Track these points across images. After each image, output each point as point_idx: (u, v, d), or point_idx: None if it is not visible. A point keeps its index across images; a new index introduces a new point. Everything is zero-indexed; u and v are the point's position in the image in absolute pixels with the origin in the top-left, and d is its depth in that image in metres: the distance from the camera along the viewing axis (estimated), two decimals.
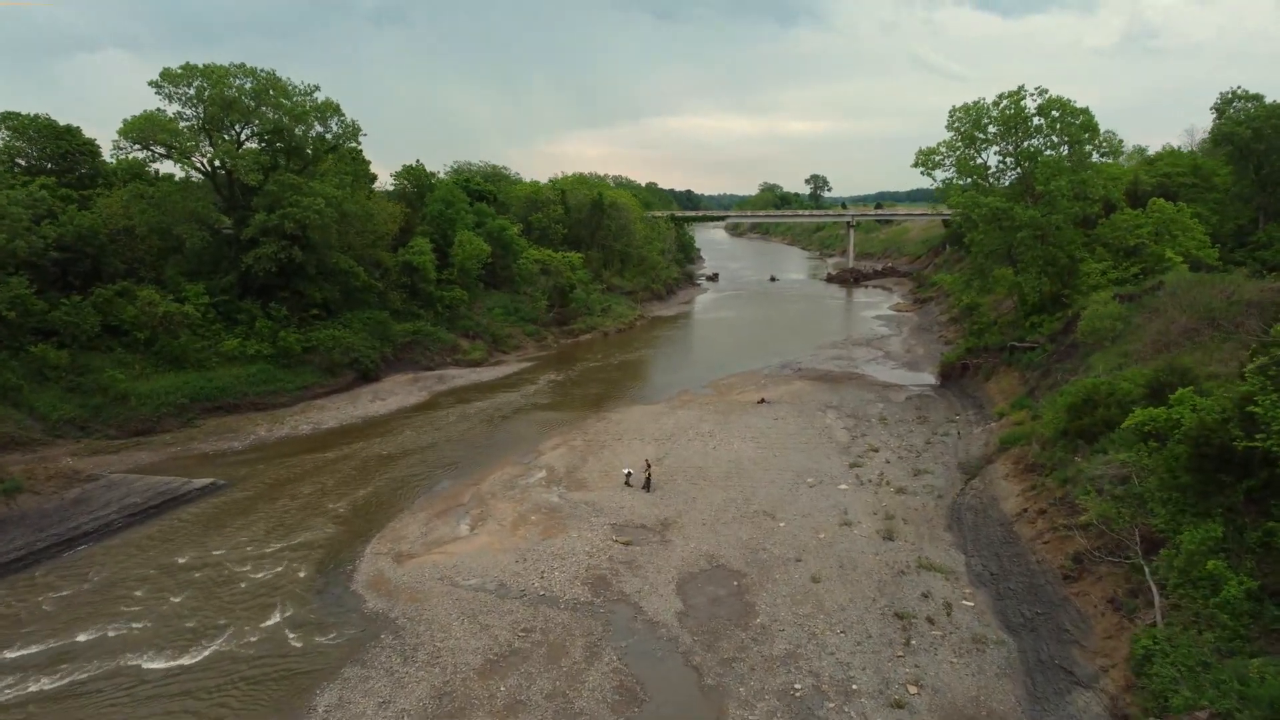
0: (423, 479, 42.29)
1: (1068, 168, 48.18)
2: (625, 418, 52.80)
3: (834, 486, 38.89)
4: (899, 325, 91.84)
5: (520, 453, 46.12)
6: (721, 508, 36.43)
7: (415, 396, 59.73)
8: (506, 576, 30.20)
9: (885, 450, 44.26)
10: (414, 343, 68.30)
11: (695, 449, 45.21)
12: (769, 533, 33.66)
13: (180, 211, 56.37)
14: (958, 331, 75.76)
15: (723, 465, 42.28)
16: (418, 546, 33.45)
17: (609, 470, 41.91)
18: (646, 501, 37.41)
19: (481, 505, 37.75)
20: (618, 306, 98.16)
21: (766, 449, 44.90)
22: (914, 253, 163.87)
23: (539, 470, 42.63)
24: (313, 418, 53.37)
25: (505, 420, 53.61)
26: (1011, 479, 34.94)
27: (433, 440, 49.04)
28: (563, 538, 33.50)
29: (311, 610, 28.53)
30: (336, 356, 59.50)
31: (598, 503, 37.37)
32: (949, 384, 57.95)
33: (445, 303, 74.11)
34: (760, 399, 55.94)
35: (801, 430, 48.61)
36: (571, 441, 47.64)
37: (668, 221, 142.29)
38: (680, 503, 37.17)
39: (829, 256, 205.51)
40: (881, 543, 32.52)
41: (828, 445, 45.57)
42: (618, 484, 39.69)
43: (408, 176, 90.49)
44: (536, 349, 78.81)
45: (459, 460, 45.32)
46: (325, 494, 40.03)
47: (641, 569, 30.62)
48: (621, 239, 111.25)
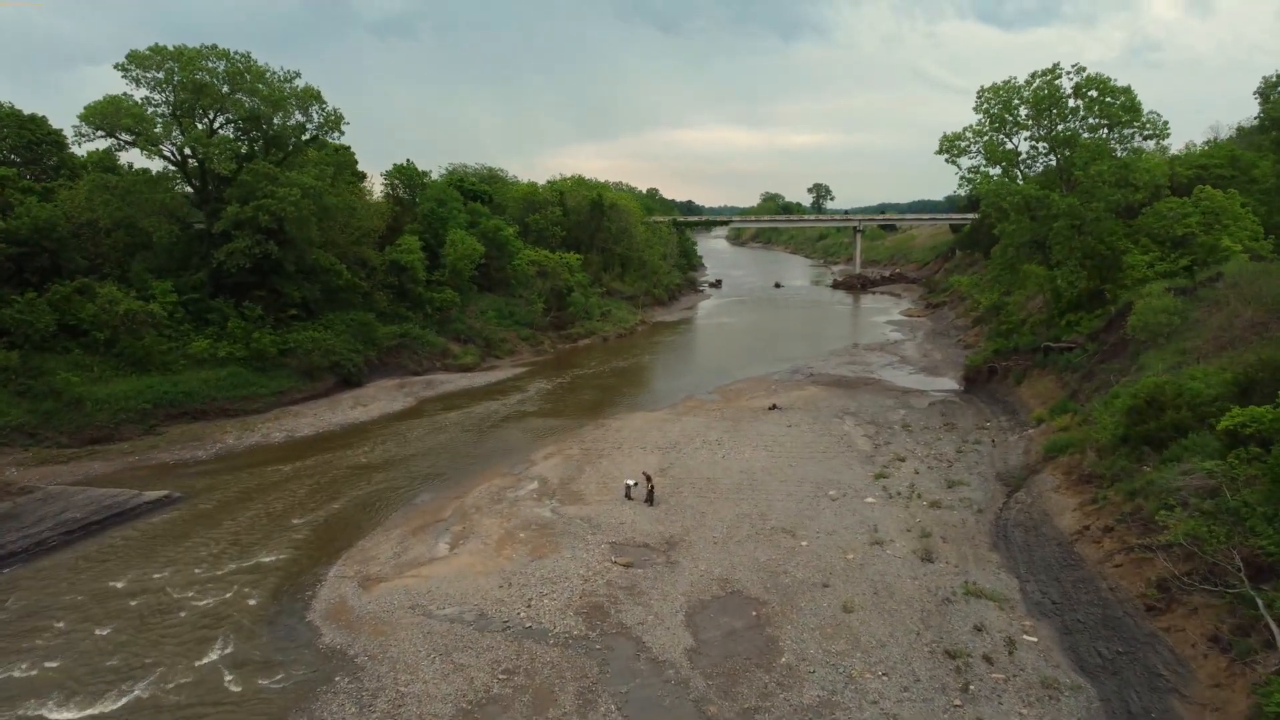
0: (402, 491, 38.14)
1: (1109, 151, 44.25)
2: (626, 425, 48.67)
3: (859, 500, 34.72)
4: (912, 330, 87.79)
5: (511, 463, 41.99)
6: (734, 524, 32.26)
7: (400, 403, 55.61)
8: (488, 604, 26.00)
9: (913, 459, 40.09)
10: (401, 346, 64.23)
11: (703, 458, 41.07)
12: (790, 553, 29.47)
13: (147, 204, 52.40)
14: (979, 334, 71.69)
15: (734, 476, 38.14)
16: (389, 568, 29.26)
17: (607, 482, 37.77)
18: (650, 517, 33.25)
19: (464, 521, 33.59)
20: (618, 311, 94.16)
21: (781, 458, 40.75)
22: (921, 259, 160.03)
23: (530, 482, 38.48)
24: (287, 425, 49.23)
25: (496, 428, 49.48)
26: (1064, 491, 30.76)
27: (416, 449, 44.90)
28: (554, 558, 29.32)
29: (257, 645, 24.32)
30: (316, 360, 55.42)
31: (595, 518, 33.22)
32: (974, 389, 53.83)
33: (435, 305, 70.09)
34: (771, 405, 51.84)
35: (818, 438, 44.46)
36: (567, 450, 43.50)
37: (669, 226, 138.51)
38: (688, 518, 33.01)
39: (833, 264, 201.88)
40: (920, 564, 28.33)
41: (848, 454, 41.40)
42: (617, 497, 35.56)
43: (399, 176, 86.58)
44: (532, 354, 74.74)
45: (443, 471, 41.18)
46: (292, 508, 35.86)
47: (644, 596, 26.42)
48: (622, 242, 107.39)
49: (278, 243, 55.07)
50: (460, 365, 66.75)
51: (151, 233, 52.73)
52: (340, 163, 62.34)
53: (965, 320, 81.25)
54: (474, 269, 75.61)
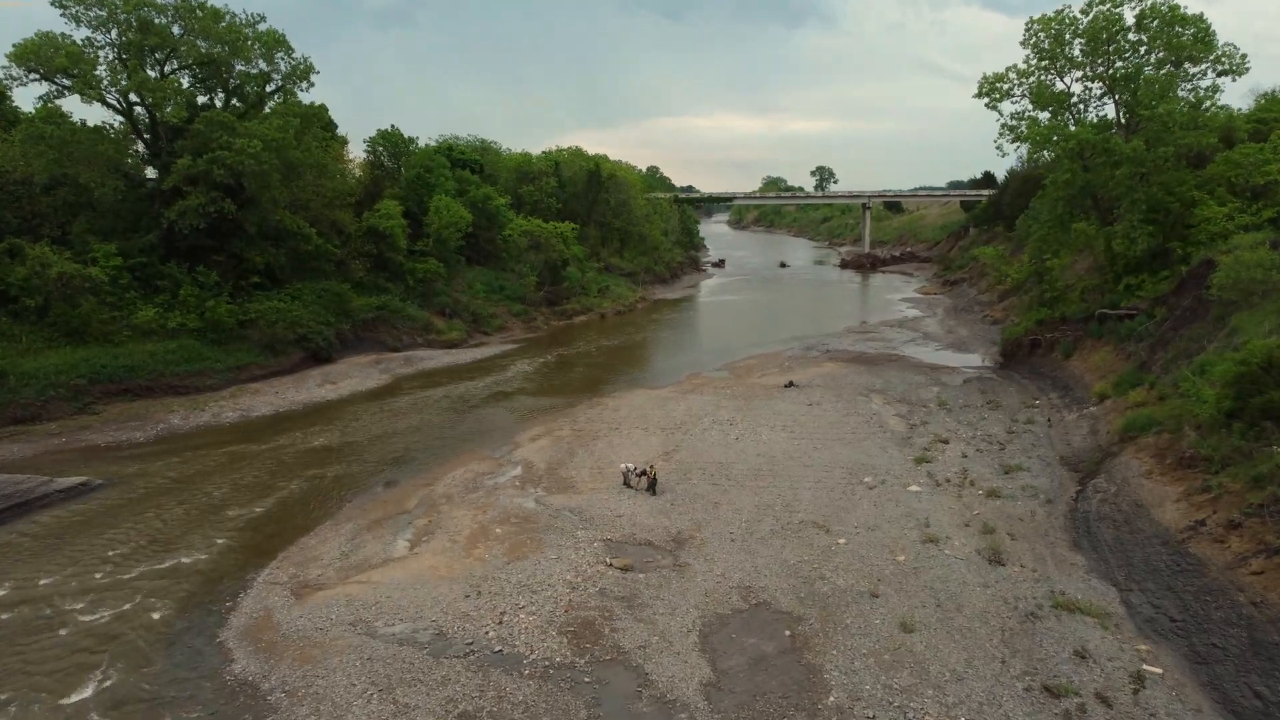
0: (363, 478, 32.65)
1: (1180, 85, 38.59)
2: (624, 404, 43.13)
3: (902, 488, 29.21)
4: (930, 307, 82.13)
5: (492, 445, 36.49)
6: (755, 517, 26.76)
7: (374, 380, 50.05)
8: (450, 620, 20.53)
9: (957, 442, 34.57)
10: (379, 320, 58.59)
11: (713, 440, 35.55)
12: (825, 553, 23.98)
13: (89, 157, 46.60)
14: (1007, 308, 66.03)
15: (750, 460, 32.63)
16: (332, 572, 23.78)
17: (603, 467, 32.29)
18: (652, 508, 27.76)
19: (431, 513, 28.11)
20: (616, 287, 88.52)
21: (804, 440, 35.23)
22: (932, 239, 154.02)
23: (513, 467, 32.99)
24: (243, 403, 43.67)
25: (478, 407, 43.94)
26: (1159, 478, 25.21)
27: (386, 430, 39.37)
28: (536, 559, 23.85)
29: (147, 676, 18.85)
30: (280, 332, 49.82)
31: (587, 509, 27.74)
32: (1014, 364, 48.27)
33: (418, 276, 64.38)
34: (788, 382, 46.30)
35: (844, 417, 38.91)
36: (557, 431, 37.98)
37: (670, 203, 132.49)
38: (698, 510, 27.52)
39: (838, 246, 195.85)
40: (988, 568, 22.84)
41: (881, 435, 35.88)
42: (614, 485, 30.10)
43: (383, 143, 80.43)
44: (524, 330, 69.12)
45: (414, 454, 35.68)
46: (232, 498, 30.39)
47: (647, 609, 20.94)
48: (621, 215, 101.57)
49: (237, 202, 49.38)
50: (444, 341, 61.18)
51: (94, 189, 46.96)
52: (307, 114, 56.43)
53: (990, 295, 75.55)
54: (461, 239, 69.85)
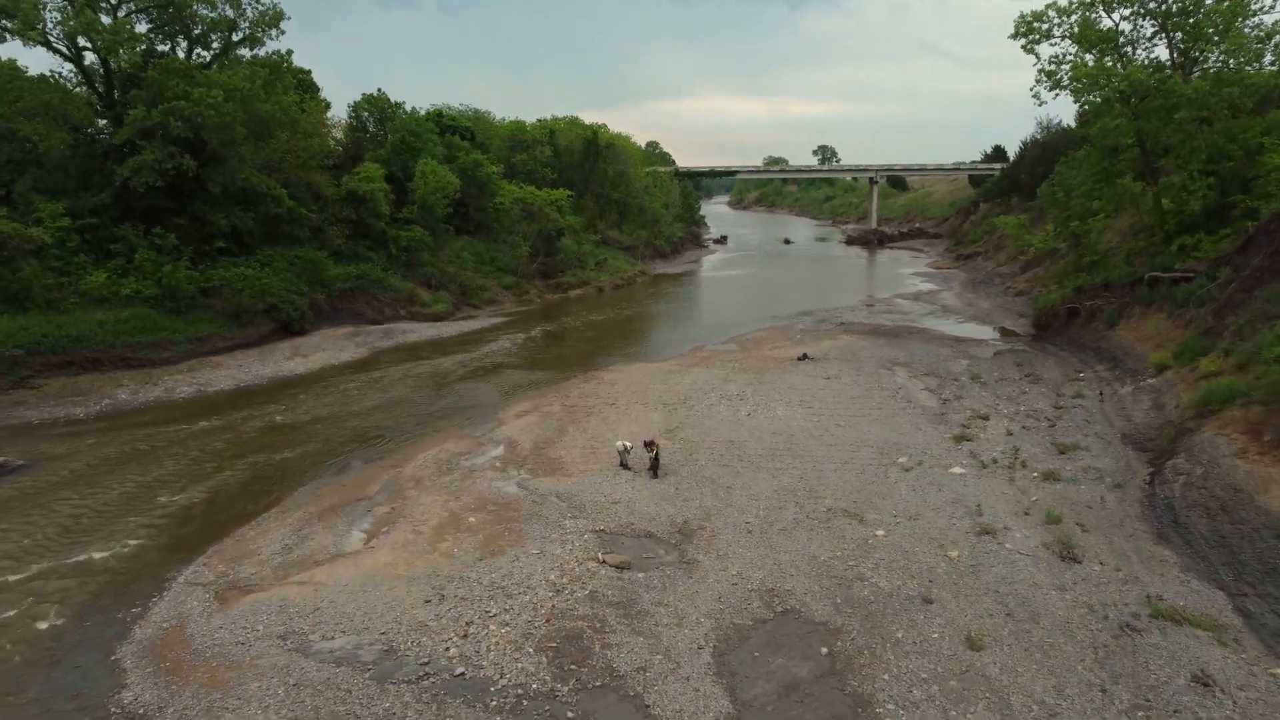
0: (323, 458, 28.64)
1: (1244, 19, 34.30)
2: (621, 377, 39.04)
3: (943, 470, 25.18)
4: (945, 281, 77.90)
5: (473, 422, 32.45)
6: (774, 503, 22.75)
7: (350, 353, 45.93)
8: (403, 632, 16.54)
9: (999, 418, 30.52)
10: (358, 290, 54.34)
11: (722, 416, 31.50)
12: (862, 547, 19.97)
13: (31, 107, 42.23)
14: (1031, 280, 61.83)
15: (764, 439, 28.58)
16: (269, 570, 19.77)
17: (596, 446, 28.26)
18: (654, 494, 23.74)
19: (396, 499, 24.09)
20: (615, 261, 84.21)
21: (825, 416, 31.18)
22: (940, 215, 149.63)
23: (494, 446, 28.96)
24: (202, 377, 39.56)
25: (461, 382, 39.85)
26: (1257, 458, 21.17)
27: (357, 407, 35.32)
28: (515, 555, 19.85)
29: (12, 708, 14.86)
30: (246, 302, 45.61)
31: (577, 494, 23.72)
32: (1048, 335, 44.17)
33: (401, 244, 60.03)
34: (801, 354, 42.20)
35: (867, 392, 34.84)
36: (546, 407, 33.94)
37: (670, 176, 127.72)
38: (708, 495, 23.50)
39: (842, 225, 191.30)
40: (1061, 566, 18.84)
41: (911, 411, 31.83)
42: (609, 466, 26.08)
43: (368, 107, 75.65)
44: (516, 304, 64.89)
45: (385, 432, 31.65)
46: (168, 481, 26.38)
47: (648, 618, 16.95)
48: (620, 186, 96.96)
49: (198, 159, 45.01)
50: (429, 314, 56.99)
51: (39, 143, 42.60)
52: (276, 65, 51.93)
53: (1011, 267, 71.29)
54: (449, 207, 65.43)
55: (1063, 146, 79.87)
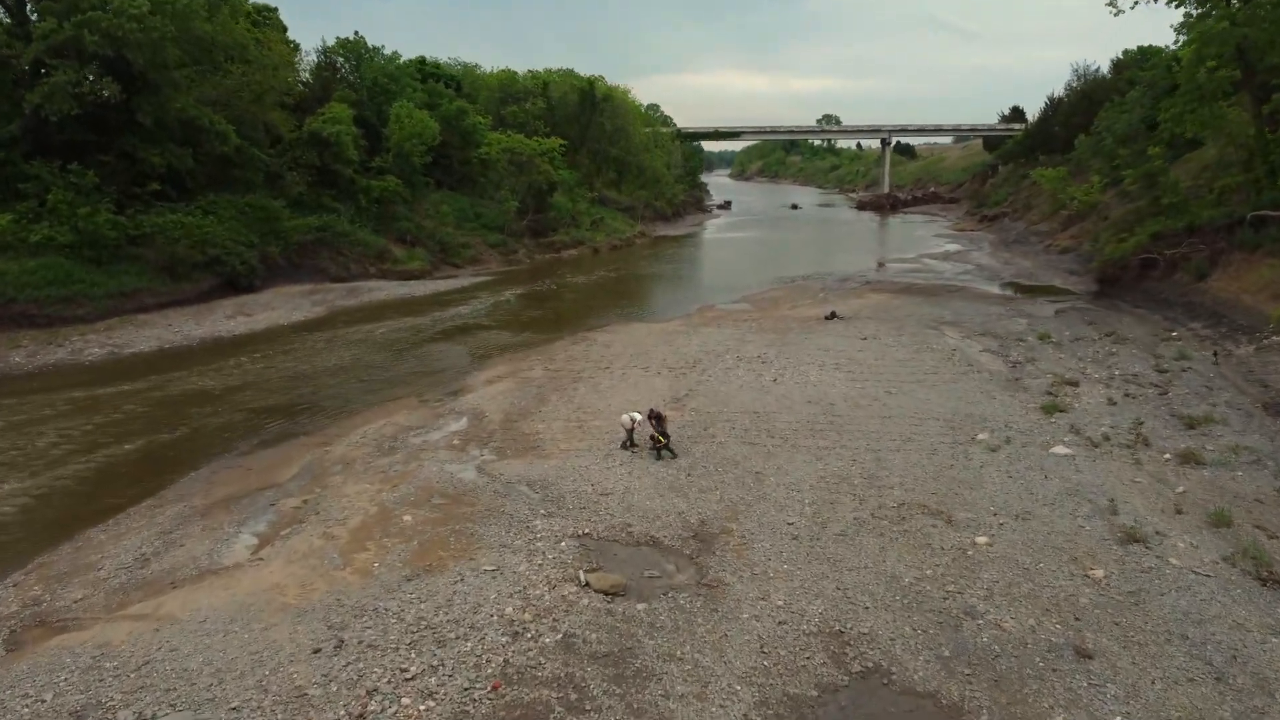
0: (240, 432, 22.49)
1: None
2: (618, 339, 32.88)
3: (1040, 449, 19.03)
4: (974, 242, 71.50)
5: (434, 389, 26.31)
6: (825, 495, 16.63)
7: (304, 312, 39.69)
8: (265, 708, 10.42)
9: (1092, 384, 24.35)
10: (320, 244, 47.93)
11: (741, 382, 25.32)
12: (960, 561, 13.84)
13: None
14: (1078, 235, 55.38)
15: (798, 409, 22.43)
16: (101, 595, 13.67)
17: (584, 419, 22.12)
18: (658, 481, 17.63)
19: (313, 487, 17.96)
20: (612, 221, 77.63)
21: (869, 382, 25.02)
22: (954, 180, 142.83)
23: (455, 418, 22.83)
24: (120, 337, 33.36)
25: (429, 343, 33.66)
26: None
27: (298, 370, 29.17)
28: (459, 573, 13.75)
29: None
30: (183, 252, 39.29)
31: (555, 482, 17.61)
32: (1115, 291, 37.95)
33: (372, 195, 53.59)
34: (829, 313, 36.04)
35: (916, 354, 28.67)
36: (525, 372, 27.77)
37: (672, 137, 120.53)
38: (731, 483, 17.37)
39: (849, 193, 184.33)
40: (1265, 594, 12.72)
41: (976, 376, 25.67)
42: (600, 444, 20.00)
43: (342, 51, 68.42)
44: (502, 263, 58.48)
45: (324, 400, 25.51)
46: (22, 464, 20.23)
47: (652, 685, 10.83)
48: (619, 143, 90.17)
49: (123, 83, 38.43)
50: (403, 272, 50.69)
51: None
52: None
53: (1050, 224, 64.66)
54: (428, 156, 58.88)
55: (1102, 95, 73.40)
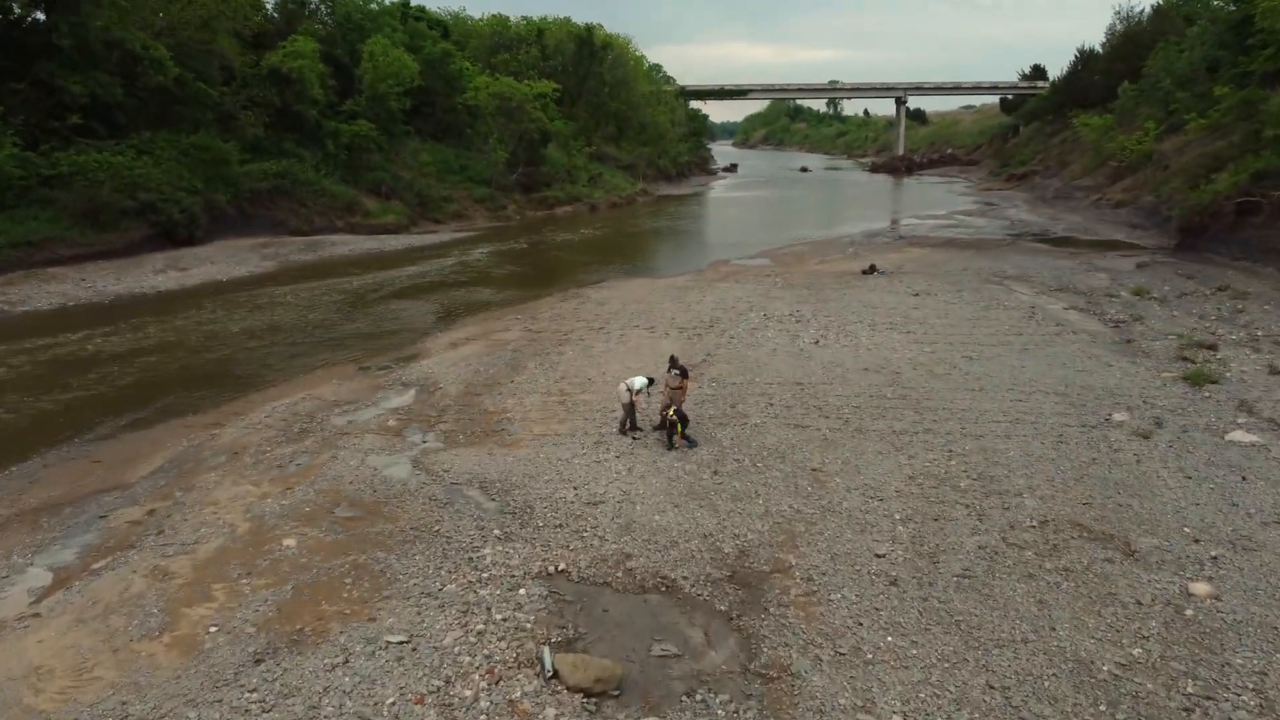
0: (114, 409, 16.81)
1: None
2: (615, 295, 27.24)
3: (1211, 436, 13.46)
4: (1007, 200, 65.44)
5: (383, 353, 20.69)
6: (924, 508, 11.08)
7: (250, 267, 33.97)
8: None
9: (1235, 348, 18.74)
10: (278, 192, 42.04)
11: (773, 345, 19.73)
12: (1183, 634, 8.27)
13: None
14: (1133, 188, 49.30)
15: (853, 378, 16.84)
16: None
17: (569, 391, 16.56)
18: (671, 483, 12.08)
19: (174, 488, 12.41)
20: (612, 178, 71.58)
21: (938, 344, 19.45)
22: (971, 143, 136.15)
23: (398, 390, 17.25)
24: (17, 294, 27.65)
25: (388, 300, 27.99)
26: None
27: (223, 331, 23.52)
28: (344, 644, 8.13)
29: None
30: (109, 197, 33.52)
31: (520, 483, 12.09)
32: (1203, 242, 32.08)
33: (342, 141, 47.62)
34: (868, 266, 30.41)
35: (986, 311, 23.05)
36: (500, 333, 22.14)
37: (675, 95, 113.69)
38: (779, 487, 11.83)
39: (859, 159, 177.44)
40: None
41: (1073, 338, 20.05)
42: (591, 427, 14.43)
43: None
44: (489, 219, 52.60)
45: (237, 367, 19.91)
46: None
47: None
48: (619, 96, 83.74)
49: (38, 1, 32.45)
50: (375, 225, 44.84)
51: None
52: None
53: (1094, 178, 58.40)
54: (405, 99, 52.79)
55: (1147, 40, 67.00)
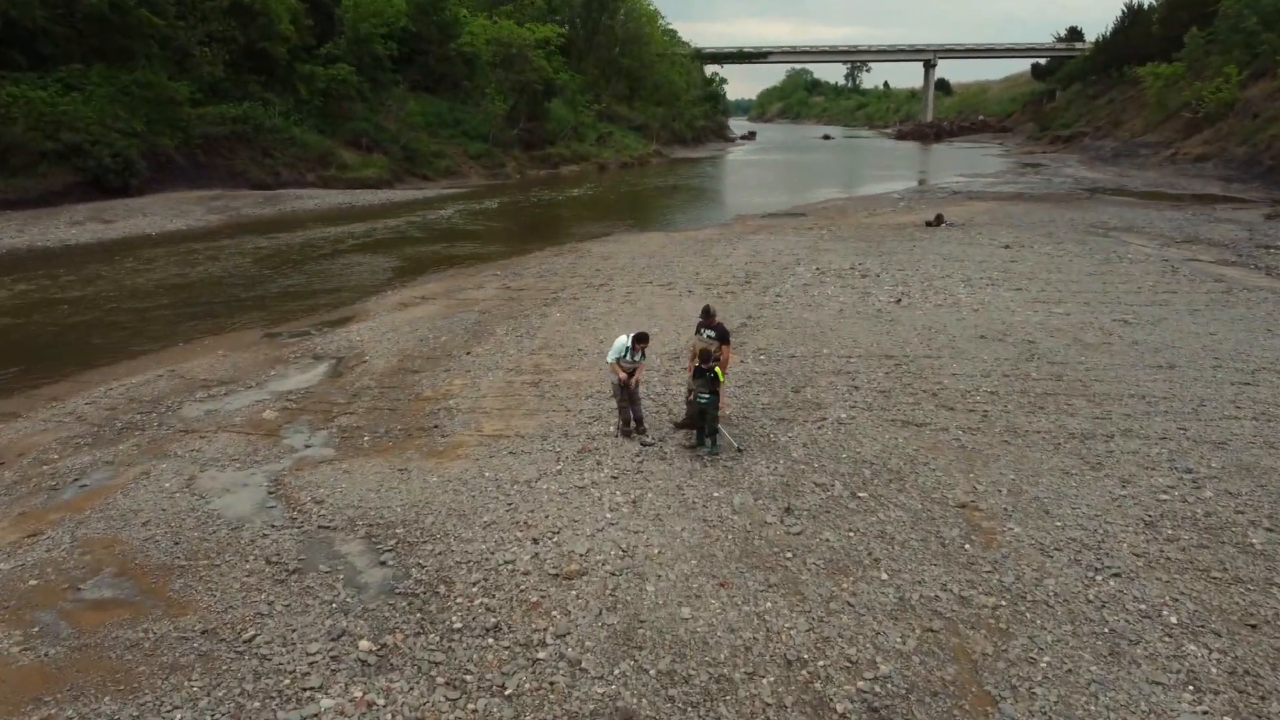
0: None
1: None
2: (623, 249, 21.75)
3: None
4: (1057, 161, 59.26)
5: (310, 314, 15.32)
6: (1211, 595, 5.57)
7: (190, 220, 28.64)
8: None
9: None
10: (239, 140, 36.60)
11: (840, 304, 14.28)
12: None
13: None
14: (1214, 141, 43.09)
15: (968, 349, 11.38)
16: None
17: (545, 369, 11.14)
18: (701, 532, 6.61)
19: None
20: (623, 138, 65.78)
21: (1070, 304, 13.99)
22: (1001, 111, 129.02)
23: (307, 364, 11.90)
24: None
25: (343, 255, 22.59)
26: None
27: (114, 290, 18.14)
28: None
29: None
30: (22, 137, 28.35)
31: (436, 531, 6.67)
32: None
33: (318, 86, 42.08)
34: (935, 216, 24.80)
35: (1107, 265, 17.51)
36: (468, 290, 16.74)
37: (691, 57, 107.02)
38: (908, 539, 6.33)
39: (881, 130, 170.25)
40: None
41: (1257, 298, 14.46)
42: (572, 422, 8.97)
43: None
44: (485, 176, 47.00)
45: (100, 334, 14.51)
46: None
47: None
48: (630, 51, 77.57)
49: None
50: (354, 180, 39.33)
51: None
52: None
53: (1161, 134, 51.98)
54: (393, 46, 47.15)
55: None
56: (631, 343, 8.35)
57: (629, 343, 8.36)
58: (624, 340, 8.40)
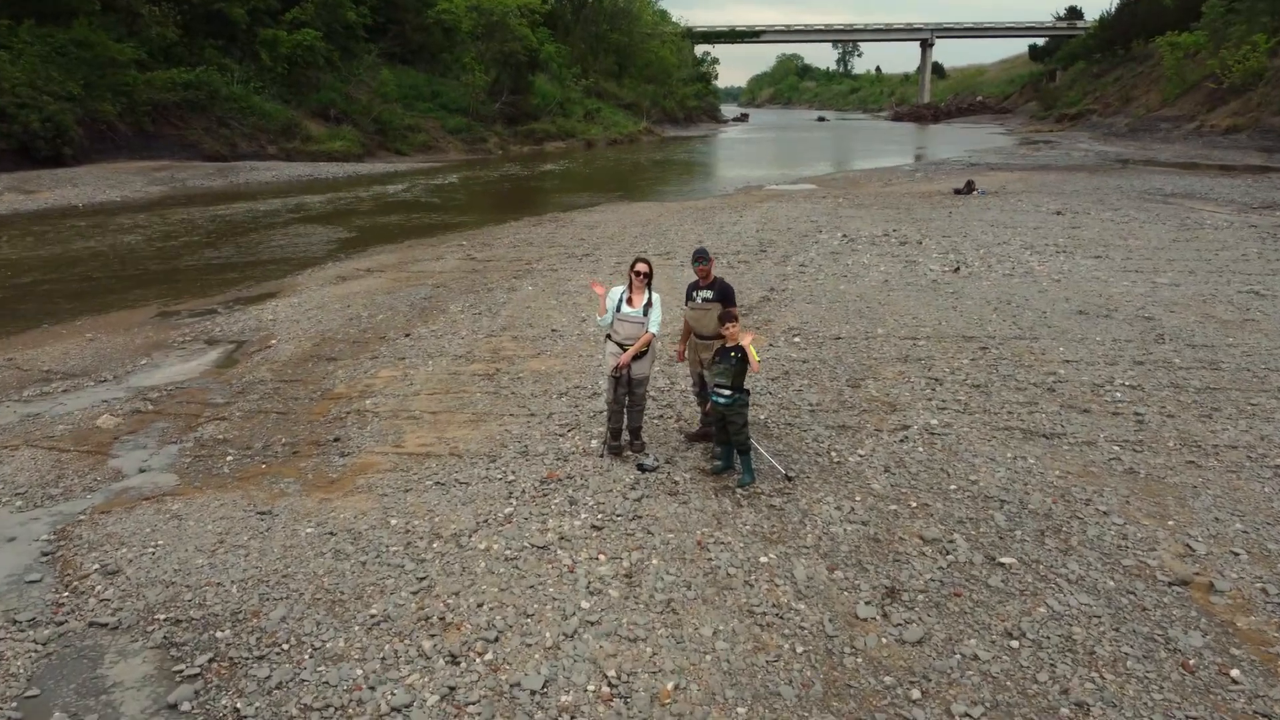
0: None
1: None
2: (611, 218, 18.83)
3: None
4: (1067, 138, 56.40)
5: (226, 288, 12.30)
6: None
7: (126, 191, 25.51)
8: None
9: None
10: (191, 108, 33.35)
11: (884, 272, 11.41)
12: None
13: None
14: (1242, 113, 40.33)
15: (1069, 327, 8.53)
16: None
17: (506, 353, 8.22)
18: (757, 636, 3.73)
19: None
20: (613, 115, 62.59)
21: (1168, 273, 11.19)
22: (999, 93, 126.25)
23: (187, 354, 8.95)
24: None
25: (285, 227, 19.54)
26: None
27: (14, 259, 15.07)
28: None
29: None
30: None
31: (290, 626, 3.69)
32: None
33: (281, 52, 38.75)
34: (965, 184, 21.93)
35: (1186, 232, 14.73)
36: (424, 261, 13.76)
37: (681, 35, 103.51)
38: (1121, 661, 3.41)
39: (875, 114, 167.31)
40: None
41: None
42: (538, 432, 6.01)
43: None
44: (465, 152, 43.82)
45: None
46: None
47: None
48: (620, 26, 74.25)
49: None
50: (319, 153, 36.12)
51: None
52: None
53: (1181, 108, 49.28)
54: (365, 13, 43.87)
55: None
56: (632, 281, 5.50)
57: (626, 293, 5.49)
58: (619, 292, 5.53)
